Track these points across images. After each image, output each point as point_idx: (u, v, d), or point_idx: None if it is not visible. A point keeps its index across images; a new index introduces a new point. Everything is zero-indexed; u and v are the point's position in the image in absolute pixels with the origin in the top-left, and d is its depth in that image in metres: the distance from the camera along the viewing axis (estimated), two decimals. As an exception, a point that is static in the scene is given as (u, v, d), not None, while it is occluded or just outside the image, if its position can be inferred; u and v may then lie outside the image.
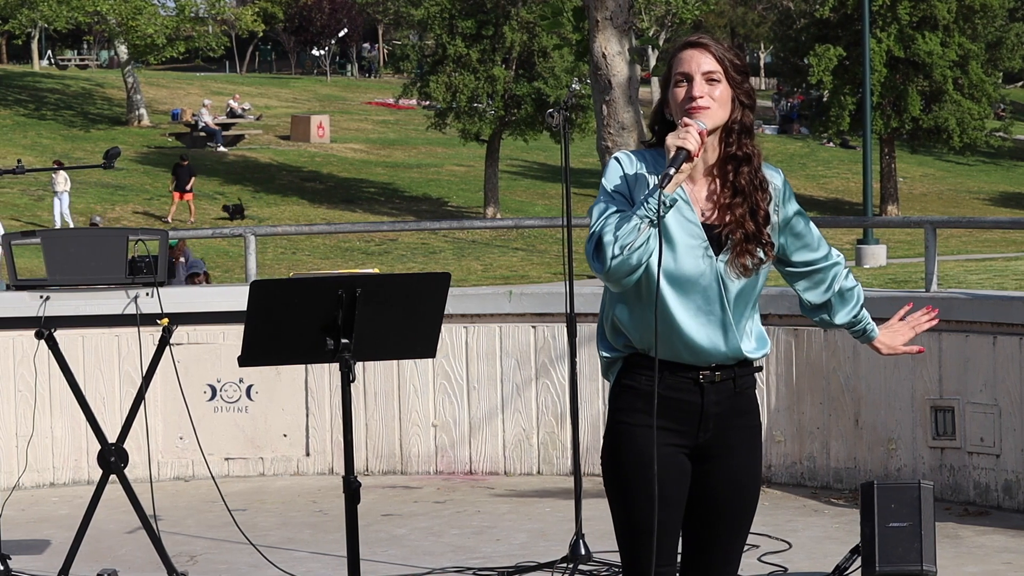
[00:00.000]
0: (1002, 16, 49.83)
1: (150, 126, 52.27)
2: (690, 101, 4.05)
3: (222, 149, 49.86)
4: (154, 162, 44.84)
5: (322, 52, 77.34)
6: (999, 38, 49.91)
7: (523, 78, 43.65)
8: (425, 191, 46.15)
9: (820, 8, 47.27)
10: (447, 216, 42.89)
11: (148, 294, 8.47)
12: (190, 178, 40.05)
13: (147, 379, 7.00)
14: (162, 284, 8.23)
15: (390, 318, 5.29)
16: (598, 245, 3.97)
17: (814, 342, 8.69)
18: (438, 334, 5.50)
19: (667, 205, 3.94)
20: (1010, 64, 51.74)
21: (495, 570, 7.20)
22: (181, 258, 22.48)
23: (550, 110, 7.13)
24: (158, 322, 6.96)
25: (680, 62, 4.10)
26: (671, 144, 3.96)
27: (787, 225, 4.20)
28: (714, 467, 4.18)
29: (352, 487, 5.17)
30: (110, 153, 7.25)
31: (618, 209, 4.01)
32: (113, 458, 6.88)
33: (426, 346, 5.51)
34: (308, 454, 9.44)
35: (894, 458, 8.50)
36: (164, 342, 6.93)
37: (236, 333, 6.94)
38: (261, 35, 68.01)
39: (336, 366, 5.21)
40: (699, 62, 4.08)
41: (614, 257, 3.94)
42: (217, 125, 51.32)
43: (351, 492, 5.17)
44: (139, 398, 7.01)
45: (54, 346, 6.92)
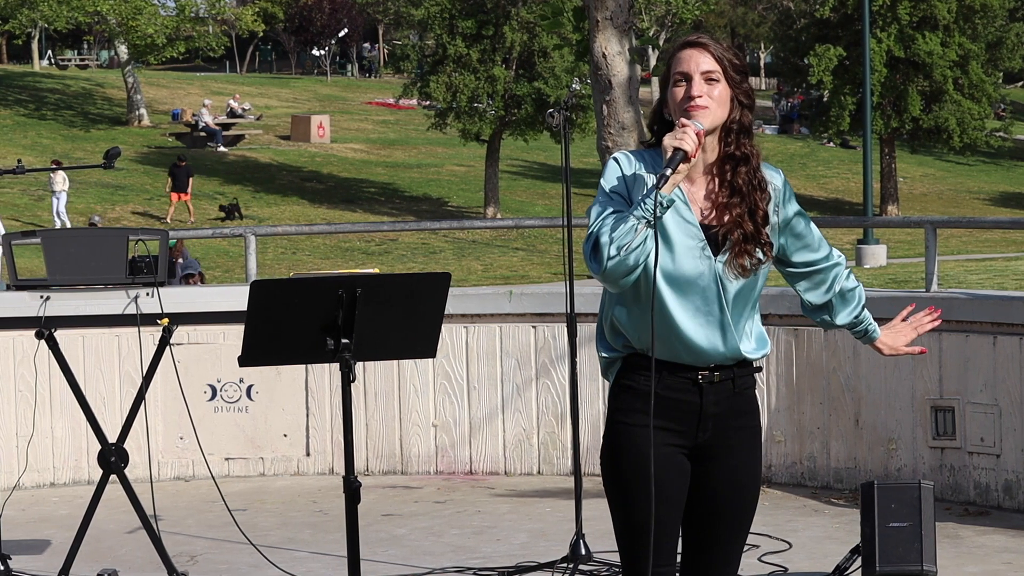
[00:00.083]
0: (1002, 16, 49.82)
1: (150, 126, 52.28)
2: (689, 100, 4.04)
3: (222, 149, 49.86)
4: (154, 162, 44.84)
5: (322, 52, 77.33)
6: (999, 38, 49.89)
7: (523, 78, 43.65)
8: (425, 191, 46.15)
9: (820, 8, 47.27)
10: (447, 216, 42.88)
11: (148, 294, 8.47)
12: (188, 178, 40.02)
13: (147, 379, 7.00)
14: (162, 284, 8.23)
15: (390, 318, 5.29)
16: (595, 246, 3.97)
17: (814, 342, 8.68)
18: (438, 334, 5.50)
19: (664, 206, 3.93)
20: (1010, 64, 51.72)
21: (495, 570, 7.20)
22: (179, 259, 22.49)
23: (550, 110, 7.13)
24: (158, 322, 6.96)
25: (679, 62, 4.10)
26: (668, 145, 3.95)
27: (787, 225, 4.20)
28: (714, 467, 4.18)
29: (352, 487, 5.17)
30: (110, 153, 7.25)
31: (616, 210, 4.00)
32: (113, 458, 6.88)
33: (426, 346, 5.51)
34: (308, 454, 9.44)
35: (894, 458, 8.50)
36: (164, 342, 6.93)
37: (236, 333, 6.94)
38: (261, 35, 68.01)
39: (336, 366, 5.21)
40: (698, 62, 4.08)
41: (611, 258, 3.94)
42: (217, 125, 51.32)
43: (351, 492, 5.17)
44: (139, 398, 7.00)
45: (54, 346, 6.92)
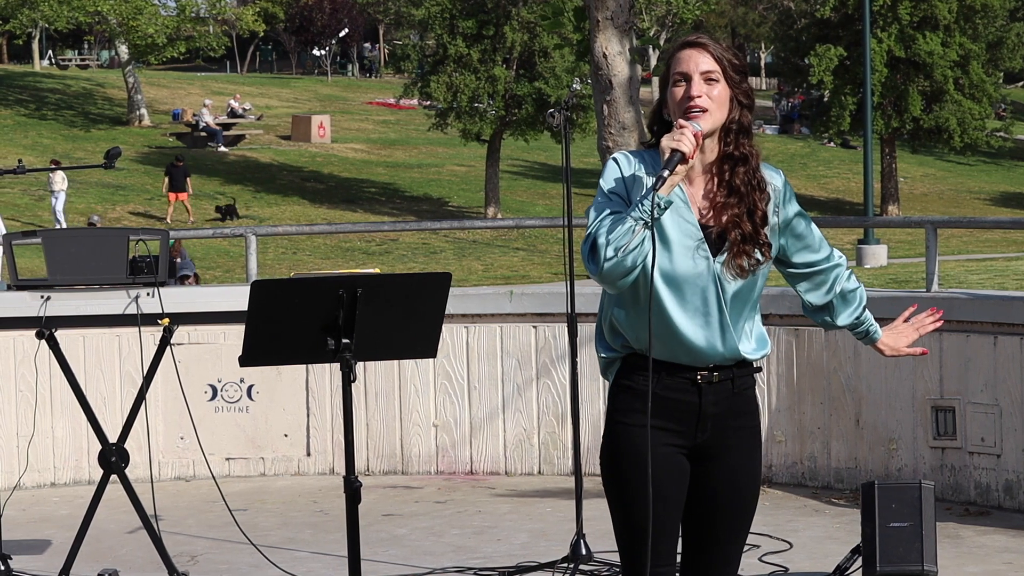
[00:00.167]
0: (1003, 16, 49.83)
1: (151, 126, 52.29)
2: (688, 101, 4.04)
3: (223, 149, 49.87)
4: (155, 162, 44.84)
5: (323, 52, 77.33)
6: (1000, 38, 49.90)
7: (524, 78, 43.65)
8: (426, 191, 46.15)
9: (821, 8, 47.27)
10: (448, 216, 42.88)
11: (149, 294, 8.47)
12: (185, 178, 40.07)
13: (148, 379, 7.00)
14: (163, 284, 8.23)
15: (391, 318, 5.29)
16: (593, 247, 3.97)
17: (815, 342, 8.68)
18: (439, 334, 5.50)
19: (661, 207, 3.93)
20: (1011, 64, 51.72)
21: (496, 570, 7.20)
22: (177, 258, 22.52)
23: (551, 110, 7.13)
24: (159, 322, 6.96)
25: (678, 62, 4.09)
26: (666, 146, 3.95)
27: (788, 226, 4.19)
28: (713, 467, 4.18)
29: (353, 487, 5.17)
30: (111, 153, 7.25)
31: (614, 211, 4.00)
32: (114, 458, 6.88)
33: (427, 346, 5.51)
34: (309, 454, 9.44)
35: (895, 458, 8.49)
36: (165, 342, 6.93)
37: (237, 333, 6.94)
38: (262, 35, 68.00)
39: (337, 366, 5.21)
40: (697, 62, 4.07)
41: (608, 259, 3.93)
42: (218, 125, 51.33)
43: (352, 492, 5.17)
44: (140, 398, 7.00)
45: (55, 346, 6.92)
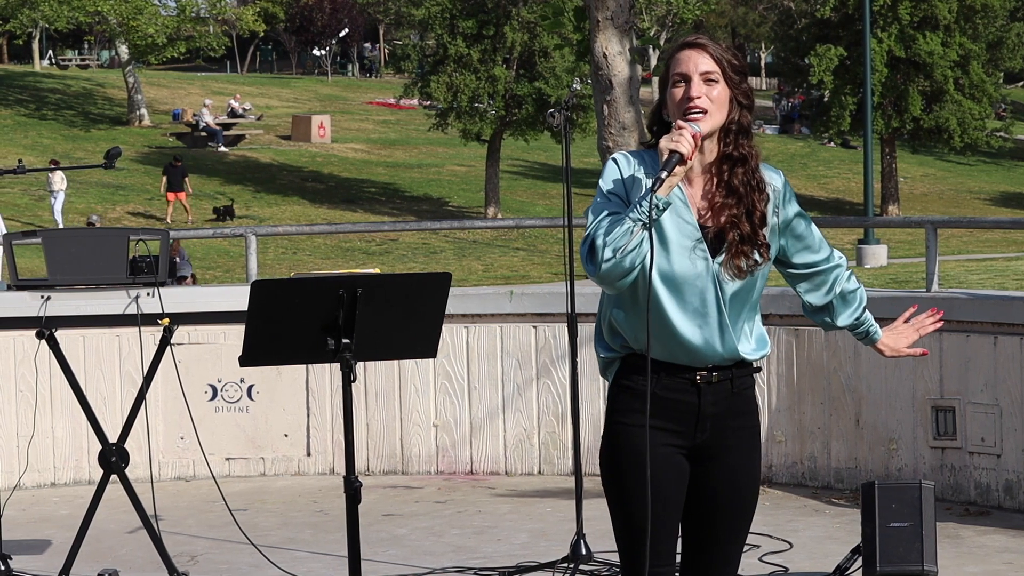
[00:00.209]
0: (1003, 16, 49.84)
1: (151, 126, 52.29)
2: (688, 102, 4.03)
3: (223, 149, 49.88)
4: (155, 162, 44.84)
5: (323, 52, 77.33)
6: (1000, 38, 49.91)
7: (524, 78, 43.66)
8: (426, 191, 46.15)
9: (821, 8, 47.28)
10: (448, 216, 42.89)
11: (149, 294, 8.46)
12: (183, 178, 40.13)
13: (148, 379, 7.00)
14: (163, 284, 8.23)
15: (391, 318, 5.29)
16: (591, 248, 3.96)
17: (815, 342, 8.68)
18: (439, 334, 5.50)
19: (660, 208, 3.92)
20: (1011, 64, 51.73)
21: (496, 570, 7.20)
22: (176, 258, 22.54)
23: (551, 110, 7.12)
24: (159, 322, 6.96)
25: (678, 63, 4.09)
26: (664, 147, 3.94)
27: (788, 227, 4.19)
28: (712, 468, 4.18)
29: (353, 487, 5.17)
30: (111, 153, 7.25)
31: (613, 211, 4.00)
32: (114, 458, 6.88)
33: (427, 346, 5.51)
34: (309, 454, 9.44)
35: (895, 458, 8.49)
36: (165, 342, 6.93)
37: (237, 333, 6.95)
38: (262, 35, 67.99)
39: (337, 366, 5.21)
40: (697, 63, 4.07)
41: (606, 261, 3.93)
42: (218, 125, 51.33)
43: (352, 492, 5.17)
44: (140, 398, 7.00)
45: (55, 346, 6.92)
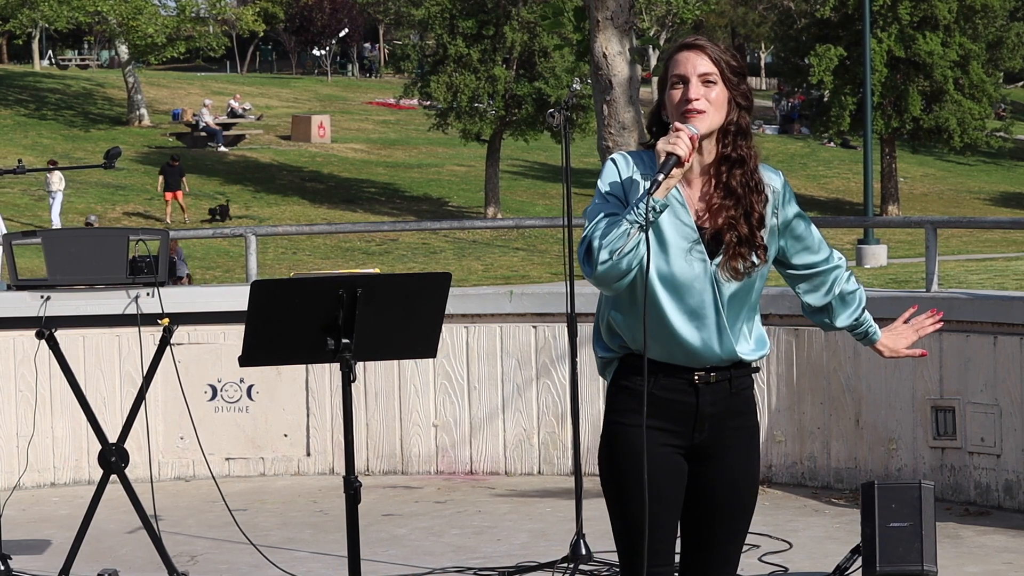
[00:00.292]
0: (1003, 16, 49.85)
1: (151, 126, 52.30)
2: (686, 103, 4.03)
3: (223, 149, 49.88)
4: (155, 162, 44.83)
5: (323, 52, 77.33)
6: (1000, 38, 49.91)
7: (524, 78, 43.66)
8: (426, 191, 46.15)
9: (821, 8, 47.29)
10: (448, 216, 42.89)
11: (149, 294, 8.47)
12: (180, 177, 40.20)
13: (148, 379, 6.99)
14: (163, 284, 8.23)
15: (391, 318, 5.29)
16: (588, 250, 3.96)
17: (815, 342, 8.68)
18: (439, 334, 5.50)
19: (657, 210, 3.92)
20: (1011, 64, 51.74)
21: (496, 570, 7.20)
22: (174, 257, 22.56)
23: (551, 110, 7.12)
24: (159, 322, 6.96)
25: (676, 64, 4.08)
26: (661, 149, 3.94)
27: (787, 228, 4.18)
28: (710, 468, 4.18)
29: (353, 487, 5.17)
30: (111, 153, 7.25)
31: (610, 213, 4.00)
32: (114, 458, 6.87)
33: (427, 346, 5.51)
34: (309, 454, 9.44)
35: (895, 458, 8.49)
36: (165, 342, 6.93)
37: (237, 333, 6.94)
38: (262, 35, 67.99)
39: (337, 366, 5.21)
40: (695, 64, 4.06)
41: (603, 262, 3.93)
42: (218, 125, 51.33)
43: (352, 492, 5.17)
44: (140, 398, 7.00)
45: (55, 346, 6.92)
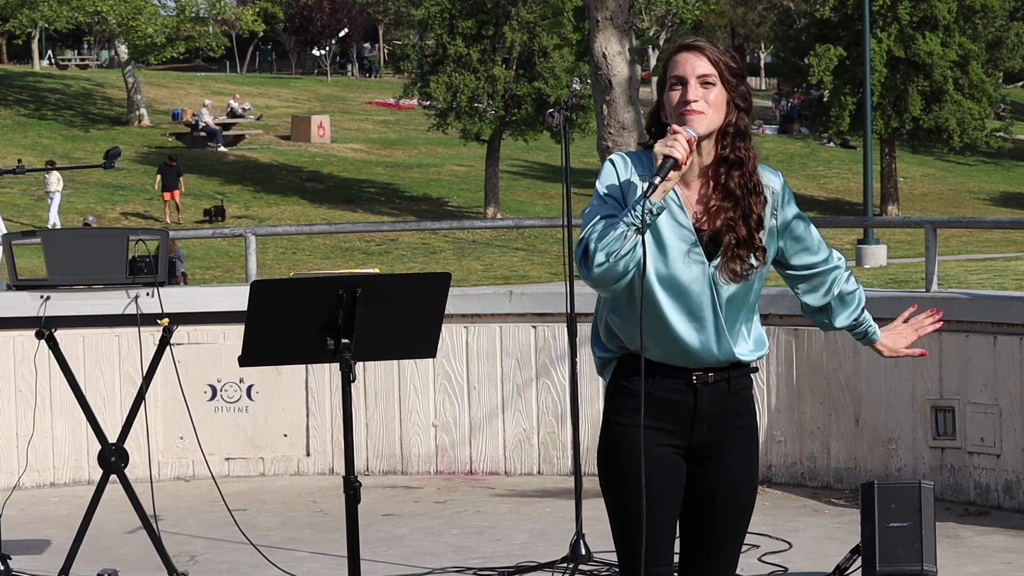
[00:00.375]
0: (1002, 16, 49.86)
1: (150, 126, 52.31)
2: (684, 105, 4.03)
3: (222, 149, 49.88)
4: (154, 162, 44.84)
5: (322, 52, 77.34)
6: (999, 38, 49.93)
7: (523, 78, 43.67)
8: (425, 191, 46.16)
9: (820, 8, 47.30)
10: (447, 216, 42.90)
11: (148, 294, 8.46)
12: (178, 177, 40.25)
13: (147, 379, 6.99)
14: (162, 284, 8.22)
15: (390, 318, 5.29)
16: (585, 252, 3.96)
17: (814, 342, 8.68)
18: (438, 334, 5.50)
19: (654, 213, 3.92)
20: (1010, 64, 51.76)
21: (495, 570, 7.20)
22: (173, 258, 22.57)
23: (550, 110, 7.12)
24: (158, 322, 6.95)
25: (675, 65, 4.08)
26: (658, 152, 3.94)
27: (786, 228, 4.18)
28: (709, 468, 4.18)
29: (352, 487, 5.16)
30: (111, 153, 7.25)
31: (608, 214, 3.99)
32: (113, 458, 6.87)
33: (426, 346, 5.51)
34: (308, 454, 9.44)
35: (894, 458, 8.49)
36: (164, 342, 6.93)
37: (236, 333, 6.94)
38: (261, 35, 67.99)
39: (336, 366, 5.21)
40: (694, 65, 4.06)
41: (599, 265, 3.92)
42: (217, 125, 51.34)
43: (351, 492, 5.17)
44: (139, 398, 7.00)
45: (54, 346, 6.92)
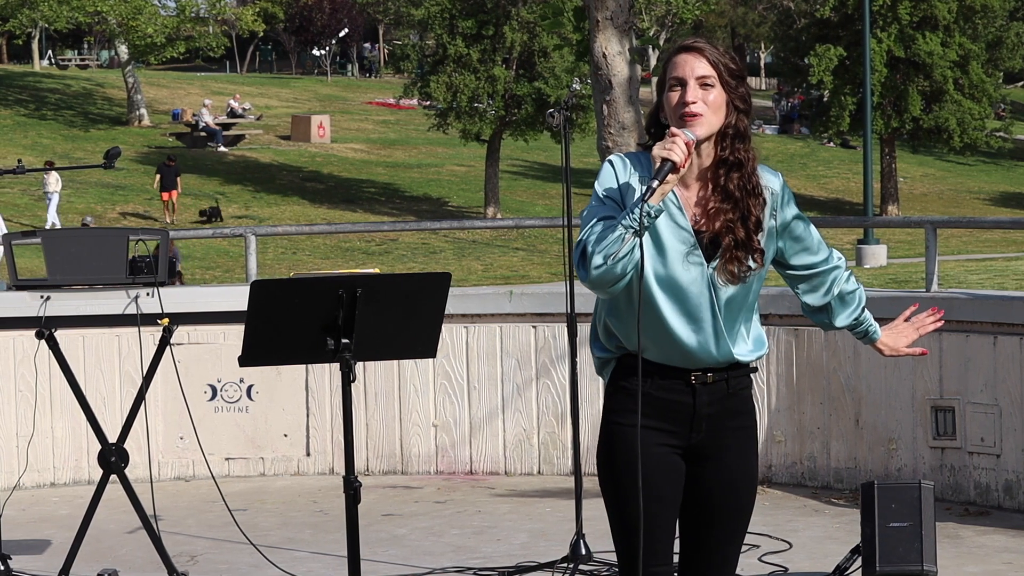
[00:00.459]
0: (1002, 16, 49.87)
1: (150, 126, 52.31)
2: (683, 106, 4.02)
3: (222, 149, 49.88)
4: (154, 162, 44.84)
5: (323, 52, 77.33)
6: (999, 38, 49.95)
7: (523, 78, 43.67)
8: (426, 191, 46.16)
9: (821, 8, 47.30)
10: (447, 216, 42.90)
11: (148, 294, 8.46)
12: (176, 177, 40.32)
13: (147, 379, 6.99)
14: (163, 284, 8.22)
15: (390, 318, 5.29)
16: (583, 254, 3.96)
17: (815, 342, 8.68)
18: (438, 334, 5.50)
19: (652, 216, 3.91)
20: (1010, 64, 51.77)
21: (495, 570, 7.20)
22: (173, 258, 22.58)
23: (551, 110, 7.12)
24: (158, 322, 6.96)
25: (674, 66, 4.07)
26: (656, 155, 3.93)
27: (786, 229, 4.18)
28: (708, 468, 4.18)
29: (353, 487, 5.17)
30: (111, 153, 7.25)
31: (607, 216, 3.99)
32: (114, 458, 6.87)
33: (426, 346, 5.51)
34: (308, 454, 9.44)
35: (894, 458, 8.50)
36: (164, 342, 6.93)
37: (236, 333, 6.94)
38: (261, 35, 68.00)
39: (336, 366, 5.21)
40: (693, 67, 4.05)
41: (597, 267, 3.92)
42: (217, 125, 51.34)
43: (352, 492, 5.17)
44: (139, 398, 7.00)
45: (54, 346, 6.92)
